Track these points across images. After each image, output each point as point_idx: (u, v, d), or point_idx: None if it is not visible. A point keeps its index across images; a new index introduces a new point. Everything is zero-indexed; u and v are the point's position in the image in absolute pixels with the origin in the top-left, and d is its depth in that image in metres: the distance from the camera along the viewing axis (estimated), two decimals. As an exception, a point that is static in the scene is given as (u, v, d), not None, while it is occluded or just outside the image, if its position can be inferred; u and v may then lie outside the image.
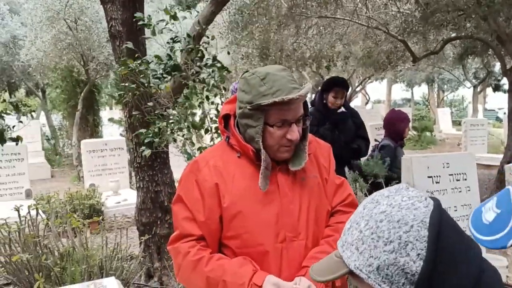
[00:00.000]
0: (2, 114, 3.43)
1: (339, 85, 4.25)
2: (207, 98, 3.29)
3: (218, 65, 3.27)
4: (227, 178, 1.56)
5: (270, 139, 1.53)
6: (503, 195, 0.69)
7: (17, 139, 3.46)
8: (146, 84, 3.17)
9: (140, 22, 3.33)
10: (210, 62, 3.29)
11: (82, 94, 10.74)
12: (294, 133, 1.50)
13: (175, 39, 3.31)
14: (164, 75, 3.26)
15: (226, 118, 1.66)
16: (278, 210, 1.54)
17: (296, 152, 1.58)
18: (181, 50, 3.35)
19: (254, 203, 1.54)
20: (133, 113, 3.42)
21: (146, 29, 3.76)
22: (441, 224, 0.84)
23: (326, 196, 1.66)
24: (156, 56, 3.27)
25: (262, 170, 1.52)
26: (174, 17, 3.17)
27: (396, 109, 4.75)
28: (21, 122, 3.50)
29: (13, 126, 3.49)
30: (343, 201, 1.70)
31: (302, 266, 1.54)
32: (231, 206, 1.54)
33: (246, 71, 1.59)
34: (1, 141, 3.35)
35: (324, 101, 4.29)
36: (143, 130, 3.24)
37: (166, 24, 3.21)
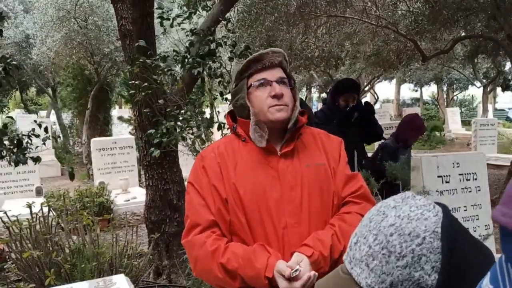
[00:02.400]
0: (30, 135, 3.49)
1: (349, 90, 4.22)
2: (221, 94, 3.29)
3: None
4: (229, 163, 1.60)
5: (257, 102, 1.59)
6: (493, 271, 0.67)
7: (36, 159, 3.53)
8: (158, 81, 3.17)
9: (159, 15, 3.34)
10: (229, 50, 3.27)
11: (92, 92, 10.81)
12: (276, 88, 1.56)
13: (195, 31, 3.32)
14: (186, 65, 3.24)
15: (233, 114, 1.73)
16: (278, 196, 1.54)
17: (292, 117, 1.62)
18: (201, 42, 3.33)
19: (255, 188, 1.55)
20: (144, 110, 3.44)
21: (155, 28, 3.78)
22: (453, 233, 0.82)
23: (334, 185, 1.63)
24: (175, 51, 3.28)
25: (252, 124, 1.58)
26: (194, 13, 3.19)
27: (419, 117, 4.58)
28: (44, 144, 3.54)
29: (36, 147, 3.54)
30: (354, 192, 1.66)
31: (305, 243, 1.51)
32: (233, 190, 1.56)
33: None
34: (22, 161, 3.41)
35: (336, 103, 4.27)
36: (152, 131, 3.25)
37: (184, 19, 3.22)
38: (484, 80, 18.74)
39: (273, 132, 1.62)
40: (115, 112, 16.09)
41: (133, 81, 3.43)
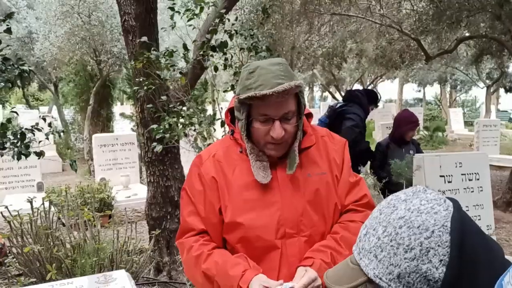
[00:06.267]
0: (33, 129, 3.50)
1: (377, 103, 4.69)
2: (232, 87, 3.27)
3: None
4: (227, 171, 1.56)
5: (256, 135, 1.50)
6: None
7: (40, 154, 3.53)
8: (162, 77, 3.17)
9: (169, 6, 3.32)
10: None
11: (94, 88, 10.82)
12: (276, 130, 1.45)
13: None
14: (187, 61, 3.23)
15: (233, 112, 1.63)
16: (279, 206, 1.51)
17: (291, 153, 1.53)
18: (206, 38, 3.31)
19: (254, 198, 1.52)
20: (147, 106, 3.43)
21: (160, 24, 3.76)
22: (462, 228, 0.81)
23: (336, 193, 1.59)
24: (184, 47, 3.26)
25: (253, 163, 1.50)
26: (202, 9, 3.18)
27: (410, 110, 4.73)
28: (47, 139, 3.55)
29: (40, 142, 3.55)
30: (358, 200, 1.62)
31: (306, 256, 1.50)
32: (230, 201, 1.53)
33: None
34: (26, 154, 3.41)
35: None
36: (155, 126, 3.24)
37: (194, 14, 3.21)
38: (488, 81, 18.70)
39: None
40: (116, 108, 16.09)
41: (136, 77, 3.43)
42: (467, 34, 8.05)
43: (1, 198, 6.88)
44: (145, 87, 3.28)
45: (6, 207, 3.54)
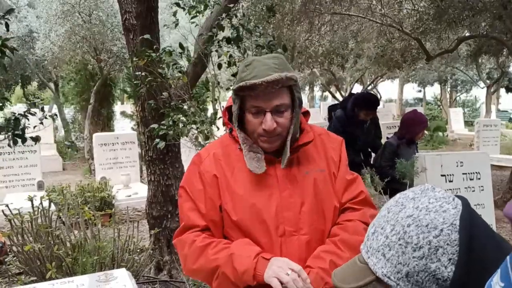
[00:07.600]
0: (27, 114, 3.48)
1: (372, 107, 4.73)
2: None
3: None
4: (227, 170, 1.56)
5: (248, 126, 1.52)
6: (503, 267, 0.66)
7: (36, 139, 3.52)
8: (163, 75, 3.15)
9: (174, 2, 3.31)
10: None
11: (95, 87, 10.82)
12: (267, 123, 1.45)
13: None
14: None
15: (231, 111, 1.65)
16: (277, 204, 1.51)
17: (285, 148, 1.53)
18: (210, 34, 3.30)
19: (253, 196, 1.52)
20: (148, 102, 3.42)
21: (160, 22, 3.76)
22: (471, 226, 0.81)
23: (334, 191, 1.60)
24: (181, 46, 3.25)
25: (245, 153, 1.51)
26: (206, 6, 3.17)
27: (419, 111, 4.71)
28: (41, 123, 3.54)
29: (34, 127, 3.54)
30: (354, 198, 1.62)
31: (306, 265, 1.49)
32: (230, 199, 1.53)
33: None
34: (22, 139, 3.40)
35: (356, 114, 4.73)
36: (155, 125, 3.24)
37: (198, 12, 3.20)
38: (488, 81, 18.68)
39: None
40: (117, 107, 16.10)
41: (136, 75, 3.42)
42: (467, 34, 8.04)
43: (2, 197, 6.88)
44: (147, 84, 3.27)
45: (7, 205, 3.54)
